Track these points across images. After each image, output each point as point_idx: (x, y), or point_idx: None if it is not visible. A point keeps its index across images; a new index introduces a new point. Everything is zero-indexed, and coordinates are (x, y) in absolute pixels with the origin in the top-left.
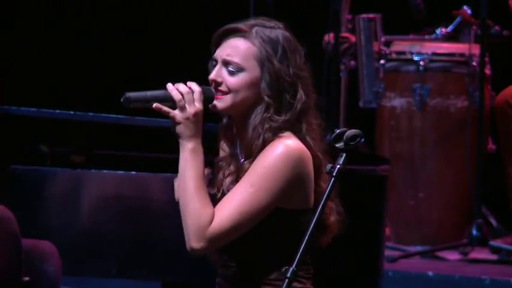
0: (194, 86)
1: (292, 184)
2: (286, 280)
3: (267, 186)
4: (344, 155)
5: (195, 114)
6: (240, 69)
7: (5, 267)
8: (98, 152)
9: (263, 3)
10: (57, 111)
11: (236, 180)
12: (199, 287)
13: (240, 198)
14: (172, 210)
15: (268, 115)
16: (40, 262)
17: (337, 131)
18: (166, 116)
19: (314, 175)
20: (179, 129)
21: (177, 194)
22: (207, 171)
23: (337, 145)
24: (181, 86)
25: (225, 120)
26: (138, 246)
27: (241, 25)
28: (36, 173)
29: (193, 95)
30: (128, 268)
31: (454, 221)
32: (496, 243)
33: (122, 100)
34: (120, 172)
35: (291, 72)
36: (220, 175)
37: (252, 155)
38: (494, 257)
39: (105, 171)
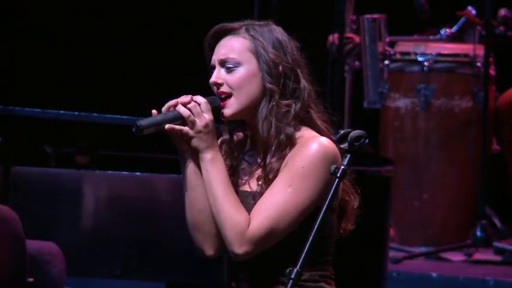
0: (199, 98)
1: (330, 182)
2: (291, 281)
3: (306, 186)
4: (348, 155)
5: (206, 126)
6: (237, 64)
7: (9, 268)
8: (102, 153)
9: (267, 4)
10: (62, 111)
11: (264, 181)
12: None
13: (278, 199)
14: (177, 211)
15: (274, 102)
16: (44, 263)
17: (342, 132)
18: (179, 134)
19: None
20: (194, 143)
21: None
22: None
23: (341, 146)
24: (186, 100)
25: (224, 136)
26: (143, 247)
27: (229, 24)
28: (41, 173)
29: (200, 107)
30: (132, 269)
31: (458, 222)
32: (500, 244)
33: (133, 129)
34: (124, 173)
35: (289, 58)
36: (242, 180)
37: (272, 151)
38: (498, 258)
39: (109, 171)
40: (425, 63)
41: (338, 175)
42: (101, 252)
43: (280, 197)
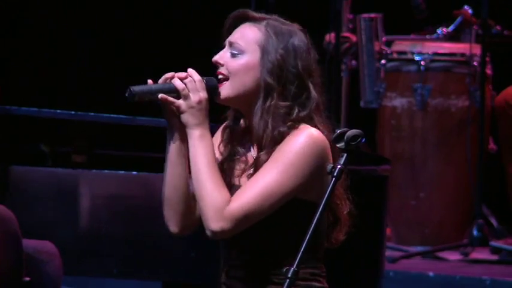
0: (194, 75)
1: (314, 174)
2: (288, 281)
3: (291, 172)
4: (345, 155)
5: (199, 102)
6: (241, 52)
7: (6, 267)
8: (99, 152)
9: (264, 2)
10: (58, 111)
11: (254, 173)
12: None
13: (262, 182)
14: None
15: (273, 102)
16: (41, 262)
17: (338, 131)
18: (171, 106)
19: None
20: (184, 118)
21: (191, 186)
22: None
23: (338, 145)
24: (182, 75)
25: (228, 121)
26: (139, 247)
27: (254, 14)
28: (37, 173)
29: (196, 83)
30: (129, 268)
31: (455, 221)
32: (497, 243)
33: (126, 94)
34: (121, 172)
35: (298, 64)
36: (236, 170)
37: (264, 146)
38: (495, 257)
39: (106, 171)
40: (422, 63)
41: (335, 174)
42: (98, 252)
43: (264, 180)
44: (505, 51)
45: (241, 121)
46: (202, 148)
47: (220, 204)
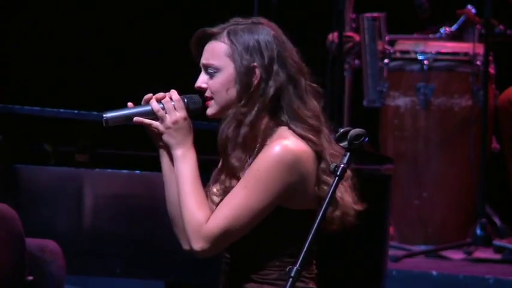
0: (174, 95)
1: (290, 185)
2: (290, 279)
3: (260, 189)
4: (348, 154)
5: (175, 122)
6: (216, 70)
7: (9, 266)
8: (102, 151)
9: (267, 3)
10: (61, 110)
11: (226, 181)
12: (203, 287)
13: (234, 201)
14: None
15: (237, 108)
16: (44, 261)
17: (341, 130)
18: (149, 128)
19: (317, 172)
20: (164, 138)
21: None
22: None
23: (341, 144)
24: (160, 96)
25: None
26: (142, 246)
27: (212, 29)
28: (40, 172)
29: (173, 103)
30: (132, 267)
31: (458, 221)
32: (500, 242)
33: (103, 122)
34: (123, 171)
35: (265, 59)
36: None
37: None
38: (498, 256)
39: (109, 170)
40: (425, 62)
41: (338, 173)
42: (101, 251)
43: (236, 199)
44: (508, 51)
45: None
46: (184, 168)
47: (198, 224)
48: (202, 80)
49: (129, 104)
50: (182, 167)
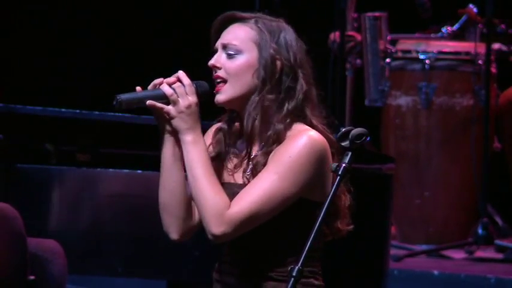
0: (184, 79)
1: (316, 176)
2: (292, 279)
3: (291, 176)
4: (350, 153)
5: (189, 107)
6: (238, 52)
7: (11, 266)
8: (103, 151)
9: (269, 1)
10: (63, 109)
11: (251, 173)
12: (204, 286)
13: (262, 185)
14: None
15: (262, 97)
16: (45, 261)
17: (343, 130)
18: (162, 114)
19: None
20: (175, 123)
21: (188, 190)
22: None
23: (342, 144)
24: (171, 80)
25: (222, 123)
26: (144, 245)
27: (241, 13)
28: (42, 171)
29: (185, 88)
30: (134, 267)
31: (460, 220)
32: (502, 242)
33: (114, 103)
34: (125, 171)
35: (290, 57)
36: (227, 168)
37: (253, 143)
38: (499, 255)
39: (110, 169)
40: (427, 61)
41: (339, 173)
42: (103, 250)
43: (265, 183)
44: (509, 50)
45: (235, 124)
46: (196, 153)
47: (220, 209)
48: (218, 59)
49: (138, 88)
50: (194, 152)
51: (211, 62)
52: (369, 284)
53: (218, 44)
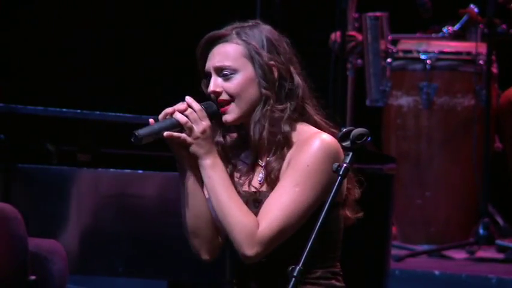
0: (194, 104)
1: (333, 177)
2: (293, 279)
3: (312, 184)
4: (351, 153)
5: (203, 132)
6: (233, 72)
7: (12, 266)
8: (104, 151)
9: (270, 2)
10: (64, 109)
11: (266, 181)
12: (206, 287)
13: (286, 199)
14: (179, 209)
15: (269, 107)
16: (46, 261)
17: (344, 130)
18: (178, 141)
19: None
20: (192, 149)
21: (213, 213)
22: None
23: (343, 144)
24: (182, 108)
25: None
26: (145, 245)
27: (220, 31)
28: (43, 171)
29: (196, 113)
30: (135, 267)
31: (461, 220)
32: (503, 242)
33: (132, 139)
34: (126, 171)
35: (282, 58)
36: (237, 180)
37: (262, 152)
38: (501, 256)
39: (111, 169)
40: (428, 61)
41: (340, 173)
42: (103, 250)
43: (288, 197)
44: (510, 50)
45: (232, 135)
46: (218, 177)
47: (251, 231)
48: (216, 84)
49: (151, 120)
50: (215, 176)
51: (211, 88)
52: (370, 284)
53: (210, 68)
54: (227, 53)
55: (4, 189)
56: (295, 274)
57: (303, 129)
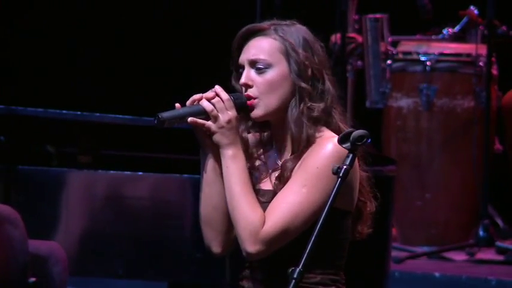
0: (222, 94)
1: (344, 183)
2: (293, 281)
3: (320, 187)
4: (351, 155)
5: (229, 122)
6: (268, 66)
7: (11, 268)
8: (104, 153)
9: (270, 4)
10: (64, 111)
11: (279, 180)
12: None
13: (293, 199)
14: (179, 210)
15: (307, 104)
16: (47, 263)
17: (344, 132)
18: (202, 129)
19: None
20: (216, 138)
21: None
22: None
23: (344, 145)
24: (210, 96)
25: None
26: (145, 247)
27: (259, 25)
28: (43, 173)
29: (224, 103)
30: (135, 269)
31: (461, 222)
32: (503, 244)
33: (155, 121)
34: (126, 172)
35: (316, 59)
36: (256, 177)
37: (296, 150)
38: (500, 257)
39: (111, 171)
40: (428, 63)
41: (340, 175)
42: (104, 252)
43: (295, 197)
44: (510, 52)
45: (258, 133)
46: (235, 168)
47: (255, 227)
48: (249, 77)
49: (177, 104)
50: (233, 167)
51: (242, 80)
52: (371, 286)
53: (243, 61)
54: (263, 46)
55: (4, 191)
56: (295, 276)
57: (324, 133)
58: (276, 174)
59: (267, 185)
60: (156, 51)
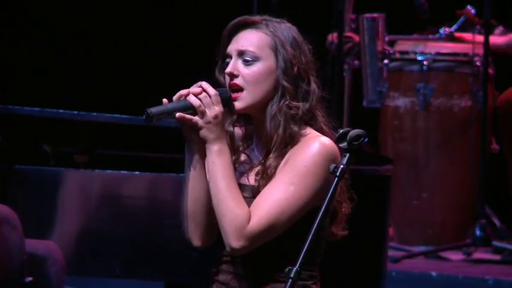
0: (209, 89)
1: (328, 182)
2: (290, 280)
3: (307, 185)
4: (347, 155)
5: (216, 117)
6: (255, 59)
7: (8, 267)
8: (101, 152)
9: (267, 2)
10: (61, 111)
11: (262, 176)
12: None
13: (279, 196)
14: (176, 210)
15: (286, 102)
16: (43, 262)
17: (341, 131)
18: (189, 124)
19: None
20: (203, 133)
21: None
22: None
23: (340, 145)
24: (197, 91)
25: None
26: (142, 247)
27: (251, 17)
28: (40, 173)
29: (211, 98)
30: (131, 268)
31: (458, 221)
32: (500, 243)
33: (144, 117)
34: (123, 172)
35: (303, 59)
36: (238, 171)
37: (272, 149)
38: (497, 257)
39: (108, 171)
40: (425, 63)
41: (337, 174)
42: (100, 252)
43: (282, 195)
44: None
45: (243, 127)
46: (221, 164)
47: (240, 222)
48: (235, 67)
49: (164, 100)
50: (219, 162)
51: (229, 69)
52: (367, 286)
53: (231, 51)
54: (253, 39)
55: (1, 190)
56: (291, 275)
57: (307, 132)
58: (256, 170)
59: (249, 179)
60: (156, 51)
